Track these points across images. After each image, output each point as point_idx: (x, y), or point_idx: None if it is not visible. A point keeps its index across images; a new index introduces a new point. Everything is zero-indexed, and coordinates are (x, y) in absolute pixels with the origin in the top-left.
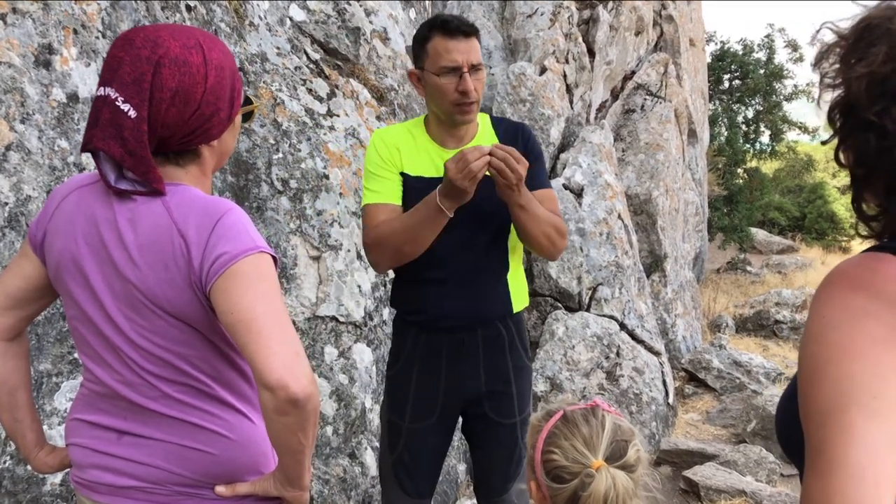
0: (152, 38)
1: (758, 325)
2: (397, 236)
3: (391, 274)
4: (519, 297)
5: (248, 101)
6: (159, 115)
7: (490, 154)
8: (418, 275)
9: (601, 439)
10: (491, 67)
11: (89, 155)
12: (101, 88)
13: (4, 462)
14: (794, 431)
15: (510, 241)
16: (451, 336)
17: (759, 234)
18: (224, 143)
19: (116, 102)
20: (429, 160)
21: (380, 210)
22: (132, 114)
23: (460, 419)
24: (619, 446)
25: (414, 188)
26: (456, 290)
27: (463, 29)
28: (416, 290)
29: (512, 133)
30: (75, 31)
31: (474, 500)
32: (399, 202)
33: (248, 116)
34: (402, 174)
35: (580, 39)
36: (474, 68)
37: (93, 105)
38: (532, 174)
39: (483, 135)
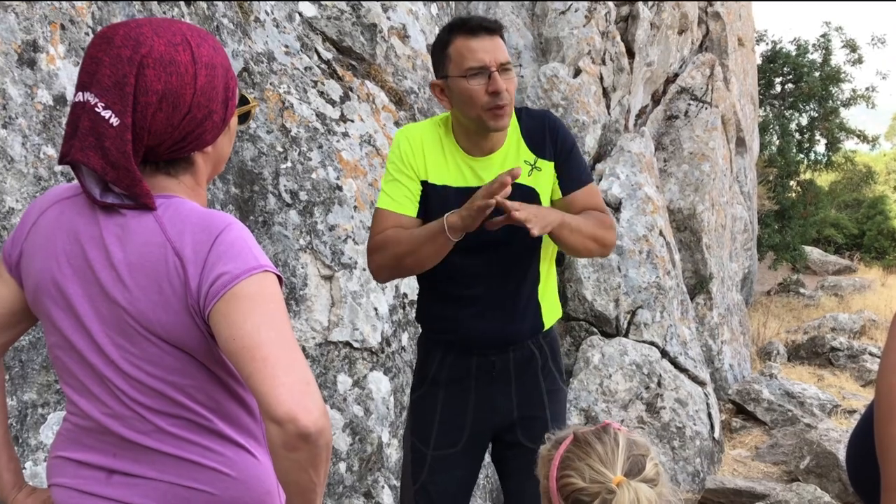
0: (133, 36)
1: (812, 353)
2: (400, 247)
3: (411, 295)
4: (550, 310)
5: (243, 101)
6: (145, 122)
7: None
8: (447, 291)
9: (617, 455)
10: (521, 65)
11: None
12: (79, 94)
13: None
14: (866, 466)
15: (543, 250)
16: (481, 358)
17: (814, 252)
18: (219, 148)
19: (96, 109)
20: (456, 168)
21: (389, 218)
22: (114, 121)
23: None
24: (637, 461)
25: (438, 198)
26: (488, 309)
27: (486, 26)
28: (445, 308)
29: (537, 132)
30: (63, 27)
31: None
32: (413, 214)
33: (244, 118)
34: (424, 182)
35: (618, 38)
36: (503, 67)
37: (70, 112)
38: (566, 172)
39: (512, 137)
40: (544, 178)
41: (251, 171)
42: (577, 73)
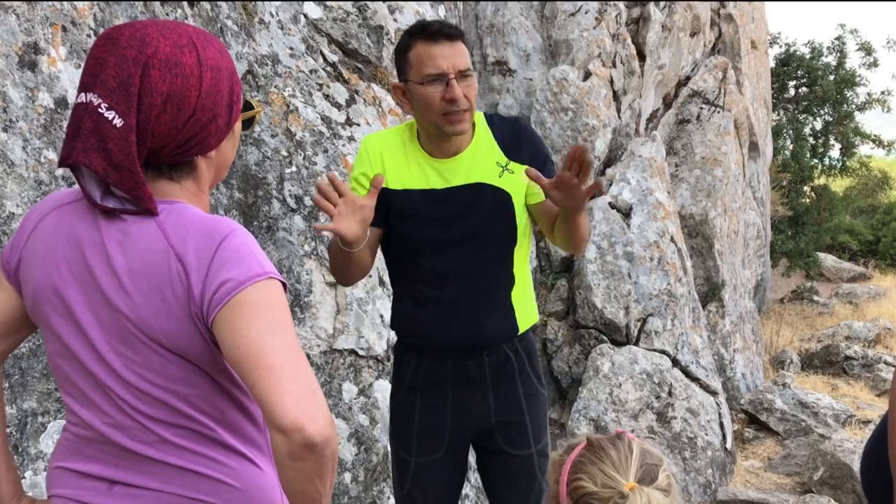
0: (139, 37)
1: (826, 362)
2: (330, 257)
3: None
4: (525, 313)
5: (248, 106)
6: (149, 124)
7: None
8: (419, 295)
9: (630, 462)
10: (531, 68)
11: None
12: (82, 94)
13: None
14: (880, 478)
15: (517, 251)
16: (456, 363)
17: (828, 259)
18: (223, 153)
19: (99, 110)
20: (419, 171)
21: None
22: (118, 122)
23: (473, 454)
24: (650, 469)
25: (402, 202)
26: (458, 312)
27: (446, 32)
28: (418, 312)
29: (510, 136)
30: (64, 29)
31: None
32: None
33: (248, 123)
34: (384, 189)
35: (629, 41)
36: (462, 74)
37: (72, 114)
38: (547, 177)
39: (480, 139)
40: (516, 180)
41: (255, 175)
42: (587, 76)
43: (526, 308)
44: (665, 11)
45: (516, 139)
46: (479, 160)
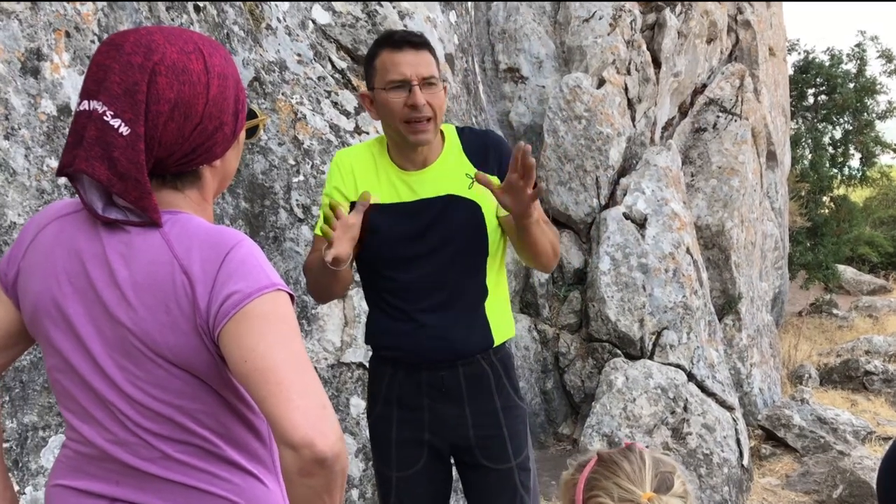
0: (145, 43)
1: (845, 377)
2: (309, 275)
3: None
4: (501, 326)
5: (252, 115)
6: (156, 132)
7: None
8: (391, 307)
9: (645, 473)
10: (543, 75)
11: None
12: (85, 102)
13: None
14: None
15: (490, 263)
16: (430, 373)
17: (848, 271)
18: (227, 163)
19: (105, 118)
20: (388, 184)
21: (317, 242)
22: (124, 130)
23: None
24: (665, 478)
25: (372, 217)
26: (429, 322)
27: (410, 40)
28: (391, 324)
29: (479, 147)
30: (68, 35)
31: None
32: None
33: (252, 132)
34: (355, 204)
35: (644, 47)
36: (426, 82)
37: (73, 121)
38: None
39: (450, 151)
40: (486, 190)
41: (262, 184)
42: (601, 83)
43: (502, 320)
44: (681, 17)
45: (484, 149)
46: (449, 172)
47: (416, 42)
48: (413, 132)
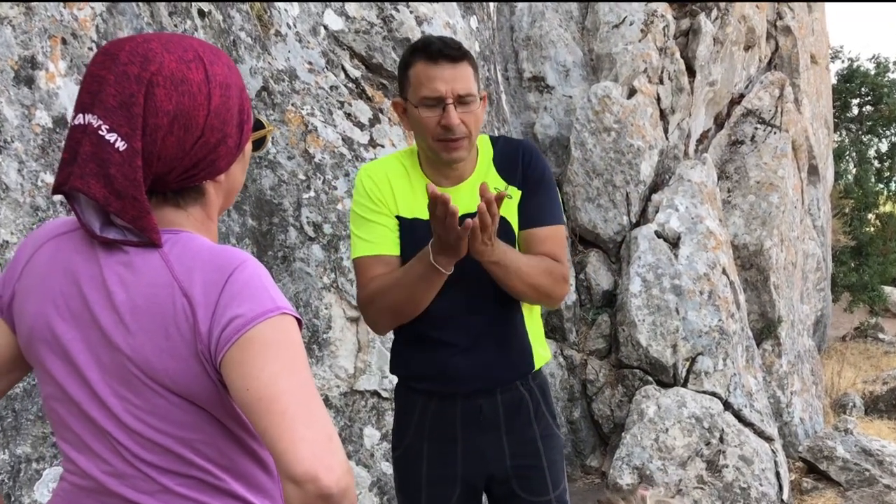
0: (141, 52)
1: (892, 406)
2: (392, 295)
3: None
4: (539, 350)
5: (258, 125)
6: (155, 147)
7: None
8: (421, 335)
9: None
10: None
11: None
12: (79, 116)
13: None
14: None
15: None
16: (466, 402)
17: (895, 294)
18: (232, 177)
19: (100, 132)
20: (424, 199)
21: (374, 263)
22: (120, 146)
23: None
24: None
25: (411, 233)
26: (467, 349)
27: (447, 53)
28: (421, 353)
29: (509, 156)
30: (64, 42)
31: None
32: (397, 252)
33: (258, 144)
34: (398, 217)
35: (677, 55)
36: (462, 100)
37: (68, 136)
38: (529, 206)
39: (482, 165)
40: (514, 206)
41: (270, 200)
42: (632, 93)
43: (539, 343)
44: (717, 23)
45: (514, 162)
46: None
47: (454, 55)
48: (445, 150)
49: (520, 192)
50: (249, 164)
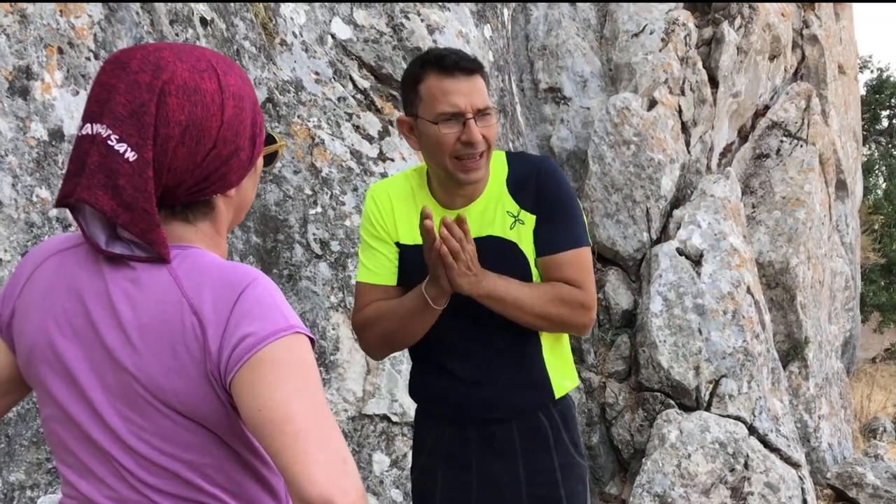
0: (153, 61)
1: None
2: (385, 324)
3: None
4: (562, 376)
5: (270, 140)
6: (166, 158)
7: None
8: (435, 363)
9: None
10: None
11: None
12: (88, 125)
13: None
14: None
15: None
16: (480, 428)
17: None
18: (243, 192)
19: (109, 142)
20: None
21: (370, 291)
22: (130, 156)
23: None
24: None
25: (412, 261)
26: (477, 383)
27: (463, 65)
28: (434, 381)
29: (523, 177)
30: (60, 51)
31: None
32: (394, 282)
33: (270, 159)
34: (399, 245)
35: (700, 65)
36: (481, 113)
37: (75, 147)
38: (547, 232)
39: (494, 184)
40: (527, 232)
41: (275, 216)
42: (652, 104)
43: (563, 369)
44: (741, 32)
45: (526, 183)
46: (492, 208)
47: (470, 67)
48: (464, 170)
49: (534, 217)
50: None
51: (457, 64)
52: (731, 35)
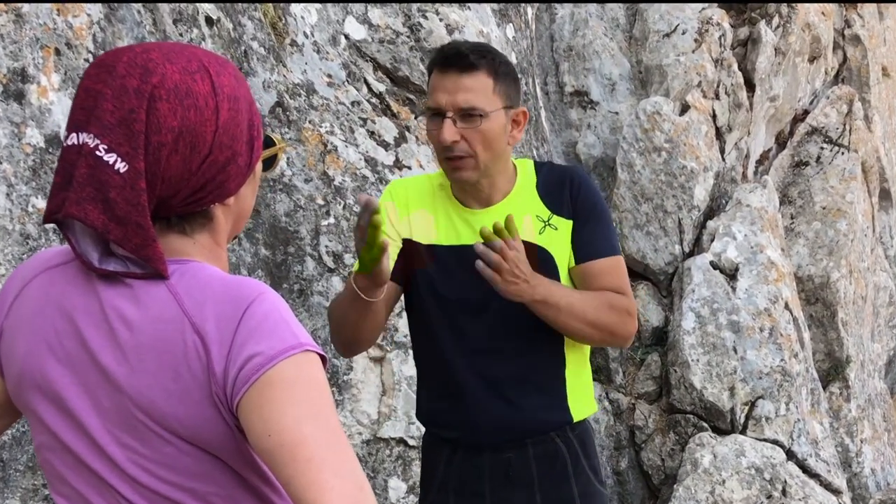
0: (140, 63)
1: None
2: (334, 316)
3: None
4: (581, 400)
5: (268, 143)
6: (158, 167)
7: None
8: (442, 379)
9: None
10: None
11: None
12: (73, 135)
13: None
14: None
15: None
16: (494, 455)
17: None
18: (242, 199)
19: (97, 153)
20: (448, 224)
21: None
22: (121, 167)
23: None
24: None
25: (427, 258)
26: (490, 397)
27: (455, 61)
28: (442, 399)
29: (556, 183)
30: (58, 52)
31: None
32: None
33: (269, 163)
34: (407, 241)
35: (735, 67)
36: (464, 113)
37: (60, 158)
38: (583, 236)
39: (522, 190)
40: (560, 238)
41: (285, 228)
42: (685, 109)
43: (582, 393)
44: (778, 32)
45: (560, 190)
46: (517, 213)
47: (464, 63)
48: (451, 169)
49: (570, 223)
50: (261, 187)
51: (448, 59)
52: (769, 35)
